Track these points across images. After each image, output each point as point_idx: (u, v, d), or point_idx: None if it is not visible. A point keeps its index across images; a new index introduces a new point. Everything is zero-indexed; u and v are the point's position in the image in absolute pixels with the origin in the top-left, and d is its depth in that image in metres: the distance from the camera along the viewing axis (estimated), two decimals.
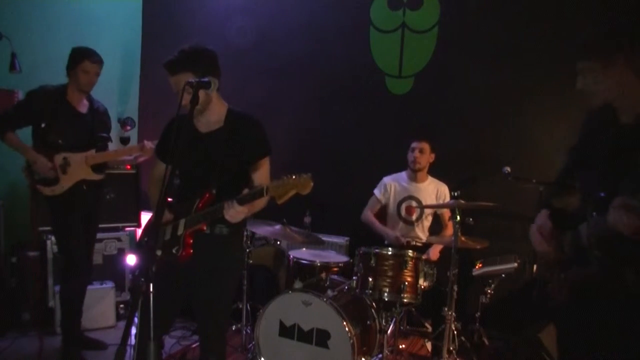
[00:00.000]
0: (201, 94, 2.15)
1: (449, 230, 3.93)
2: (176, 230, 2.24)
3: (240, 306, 3.54)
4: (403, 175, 4.02)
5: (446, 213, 3.99)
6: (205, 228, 2.24)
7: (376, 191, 4.04)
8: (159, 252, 2.21)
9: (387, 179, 4.04)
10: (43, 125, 3.19)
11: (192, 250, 2.21)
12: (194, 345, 3.51)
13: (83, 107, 3.31)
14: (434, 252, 3.77)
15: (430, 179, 3.99)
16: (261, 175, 2.32)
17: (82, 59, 3.17)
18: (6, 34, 3.69)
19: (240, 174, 2.33)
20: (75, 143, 3.24)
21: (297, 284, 3.18)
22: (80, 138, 3.27)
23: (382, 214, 4.08)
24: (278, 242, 4.05)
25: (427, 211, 3.95)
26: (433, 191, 3.96)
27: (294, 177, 1.92)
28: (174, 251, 2.20)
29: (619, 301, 1.64)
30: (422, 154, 3.87)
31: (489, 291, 3.47)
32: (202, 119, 2.30)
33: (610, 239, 1.57)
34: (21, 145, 3.20)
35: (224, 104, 2.36)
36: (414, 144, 3.90)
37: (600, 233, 1.61)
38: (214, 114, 2.30)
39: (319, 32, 4.58)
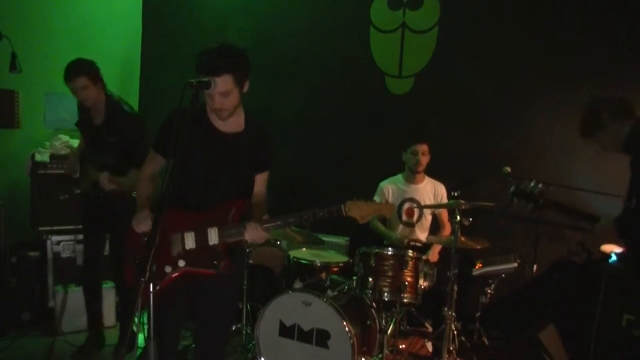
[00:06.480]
0: (236, 95, 2.09)
1: (447, 230, 3.94)
2: (205, 240, 2.10)
3: (240, 306, 3.54)
4: (399, 177, 4.01)
5: (443, 213, 3.99)
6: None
7: (376, 198, 4.01)
8: (182, 264, 2.10)
9: (383, 184, 4.02)
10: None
11: (230, 262, 2.12)
12: (194, 345, 3.51)
13: (99, 118, 3.23)
14: (434, 254, 3.77)
15: (427, 179, 3.99)
16: (262, 183, 2.33)
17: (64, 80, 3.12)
18: (6, 34, 3.69)
19: (251, 179, 2.30)
20: (92, 155, 3.29)
21: (297, 284, 3.18)
22: (95, 150, 3.28)
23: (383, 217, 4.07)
24: (278, 242, 4.05)
25: (426, 211, 3.95)
26: (431, 191, 3.95)
27: (376, 200, 2.04)
28: (215, 263, 2.09)
29: None
30: (424, 155, 3.86)
31: (489, 291, 3.47)
32: (228, 119, 2.20)
33: None
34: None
35: (242, 107, 2.27)
36: (417, 147, 3.84)
37: None
38: (237, 115, 2.22)
39: (319, 32, 4.58)
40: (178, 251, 2.12)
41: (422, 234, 3.96)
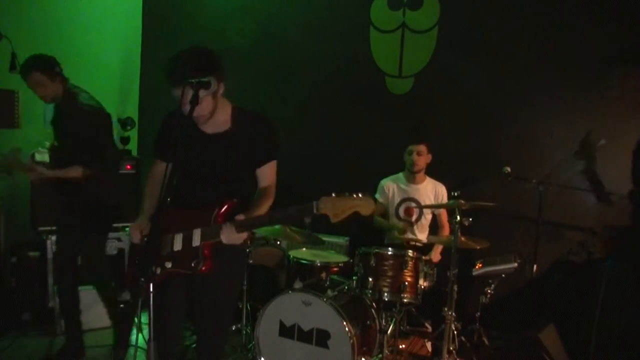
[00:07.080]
0: (209, 100, 2.04)
1: (446, 231, 3.94)
2: (190, 241, 2.09)
3: (240, 306, 3.54)
4: (401, 176, 4.02)
5: (443, 213, 3.99)
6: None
7: (377, 196, 4.02)
8: (168, 265, 2.08)
9: (384, 182, 4.03)
10: None
11: (212, 263, 2.07)
12: (194, 345, 3.51)
13: (61, 108, 3.15)
14: (436, 254, 3.77)
15: (428, 179, 3.99)
16: (268, 177, 2.26)
17: None
18: (6, 34, 3.69)
19: (248, 176, 2.27)
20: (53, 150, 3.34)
21: (297, 284, 3.18)
22: (57, 145, 3.29)
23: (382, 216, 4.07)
24: (278, 242, 4.05)
25: (426, 211, 3.95)
26: (431, 191, 3.95)
27: (354, 195, 1.84)
28: (192, 265, 2.06)
29: None
30: (420, 156, 3.86)
31: (489, 291, 3.47)
32: (209, 121, 2.17)
33: None
34: None
35: (228, 104, 2.23)
36: (411, 147, 3.87)
37: None
38: (219, 115, 2.17)
39: (319, 32, 4.58)
40: (167, 252, 2.12)
41: (421, 234, 3.96)
